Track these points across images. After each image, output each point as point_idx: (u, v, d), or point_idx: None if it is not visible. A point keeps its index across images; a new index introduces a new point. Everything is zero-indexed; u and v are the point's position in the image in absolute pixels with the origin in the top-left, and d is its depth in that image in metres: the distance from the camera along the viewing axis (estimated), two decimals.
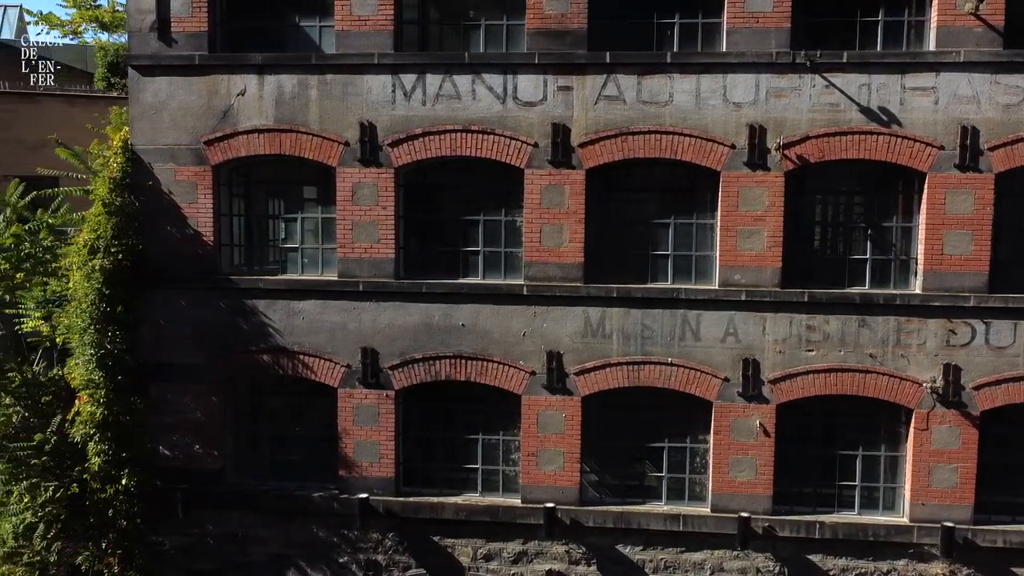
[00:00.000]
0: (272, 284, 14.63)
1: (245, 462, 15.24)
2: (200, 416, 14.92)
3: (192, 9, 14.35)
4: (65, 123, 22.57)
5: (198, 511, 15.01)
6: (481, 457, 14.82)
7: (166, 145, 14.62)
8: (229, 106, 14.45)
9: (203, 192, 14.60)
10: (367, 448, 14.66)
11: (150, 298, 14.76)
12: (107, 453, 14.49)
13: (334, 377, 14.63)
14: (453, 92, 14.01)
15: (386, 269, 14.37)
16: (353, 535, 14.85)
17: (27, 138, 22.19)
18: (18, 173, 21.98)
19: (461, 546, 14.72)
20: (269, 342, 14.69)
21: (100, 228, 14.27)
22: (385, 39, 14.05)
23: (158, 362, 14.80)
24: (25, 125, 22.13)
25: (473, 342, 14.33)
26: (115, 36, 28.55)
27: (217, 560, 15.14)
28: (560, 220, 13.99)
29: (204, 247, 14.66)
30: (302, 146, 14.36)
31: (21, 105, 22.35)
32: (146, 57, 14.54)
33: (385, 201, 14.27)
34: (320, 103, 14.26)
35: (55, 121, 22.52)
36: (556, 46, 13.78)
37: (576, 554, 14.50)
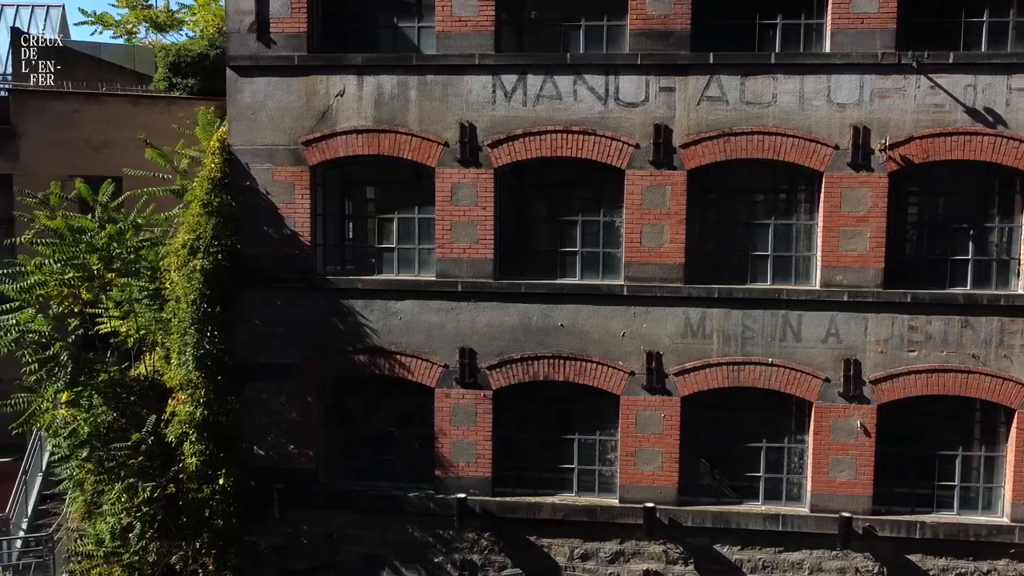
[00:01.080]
0: (370, 284, 14.65)
1: (338, 462, 15.26)
2: (295, 416, 14.95)
3: (291, 10, 14.37)
4: (128, 123, 22.66)
5: (292, 511, 15.03)
6: (577, 457, 14.84)
7: (264, 145, 14.64)
8: (328, 107, 14.47)
9: (300, 192, 14.62)
10: (464, 448, 14.68)
11: (246, 298, 14.79)
12: (204, 453, 14.52)
13: (431, 377, 14.65)
14: (554, 93, 14.03)
15: (485, 269, 14.39)
16: (448, 535, 14.87)
17: (92, 138, 22.23)
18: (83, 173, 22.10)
19: (558, 546, 14.74)
20: (366, 342, 14.72)
21: (200, 228, 14.29)
22: (486, 40, 14.07)
23: (254, 362, 14.83)
24: (90, 124, 22.14)
25: (572, 342, 14.36)
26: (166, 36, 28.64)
27: (310, 560, 15.16)
28: (661, 221, 14.01)
29: (301, 247, 14.69)
30: (401, 147, 14.38)
31: (86, 105, 22.32)
32: (244, 58, 14.57)
33: (484, 201, 14.29)
34: (420, 104, 14.28)
35: (119, 121, 22.57)
36: (659, 47, 13.80)
37: (674, 554, 14.52)
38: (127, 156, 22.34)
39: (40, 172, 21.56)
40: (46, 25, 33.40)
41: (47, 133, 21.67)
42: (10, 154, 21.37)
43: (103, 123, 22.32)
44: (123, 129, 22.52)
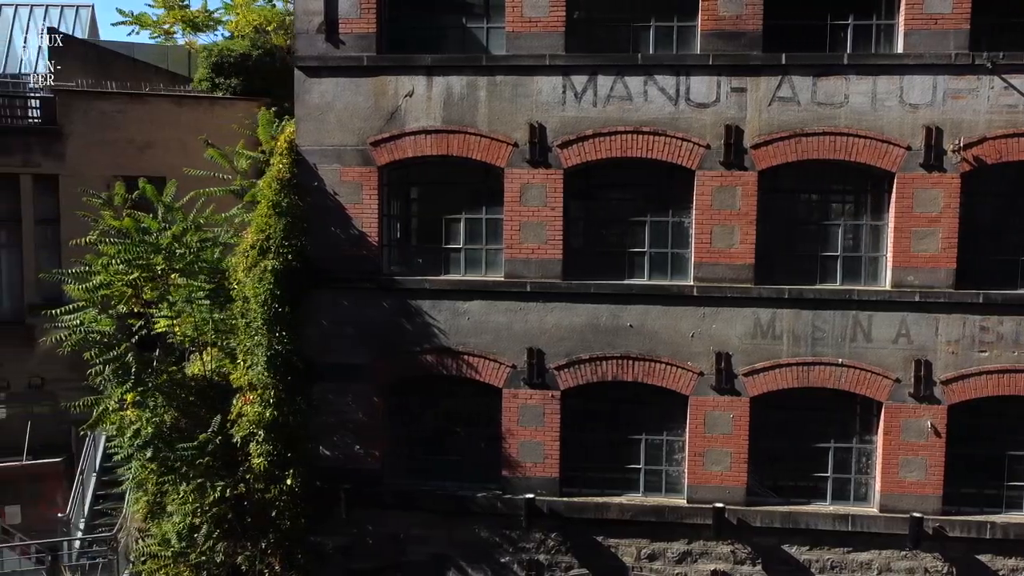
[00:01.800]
0: (438, 284, 14.67)
1: (404, 462, 15.27)
2: (361, 416, 14.96)
3: (361, 10, 14.38)
4: (171, 123, 22.70)
5: (358, 511, 15.04)
6: (644, 457, 14.85)
7: (331, 146, 14.65)
8: (396, 107, 14.48)
9: (368, 193, 14.63)
10: (531, 448, 14.70)
11: (314, 299, 14.80)
12: (271, 453, 14.53)
13: (499, 377, 14.67)
14: (624, 93, 14.05)
15: (553, 270, 14.40)
16: (515, 535, 14.88)
17: (136, 138, 22.24)
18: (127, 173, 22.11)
19: (625, 546, 14.76)
20: (433, 342, 14.73)
21: (269, 229, 14.30)
22: (556, 40, 14.08)
23: (321, 362, 14.83)
24: (134, 124, 22.14)
25: (641, 343, 14.37)
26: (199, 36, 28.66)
27: (376, 560, 15.18)
28: (731, 221, 14.03)
29: (369, 247, 14.70)
30: (470, 147, 14.40)
31: (130, 105, 22.31)
32: (313, 58, 14.57)
33: (553, 202, 14.30)
34: (489, 104, 14.29)
35: (162, 121, 22.59)
36: (730, 47, 13.81)
37: (741, 554, 14.53)
38: (170, 156, 22.44)
39: (85, 172, 21.64)
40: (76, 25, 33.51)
41: (92, 133, 21.68)
42: (57, 154, 21.40)
43: (147, 123, 22.32)
44: (166, 129, 22.57)
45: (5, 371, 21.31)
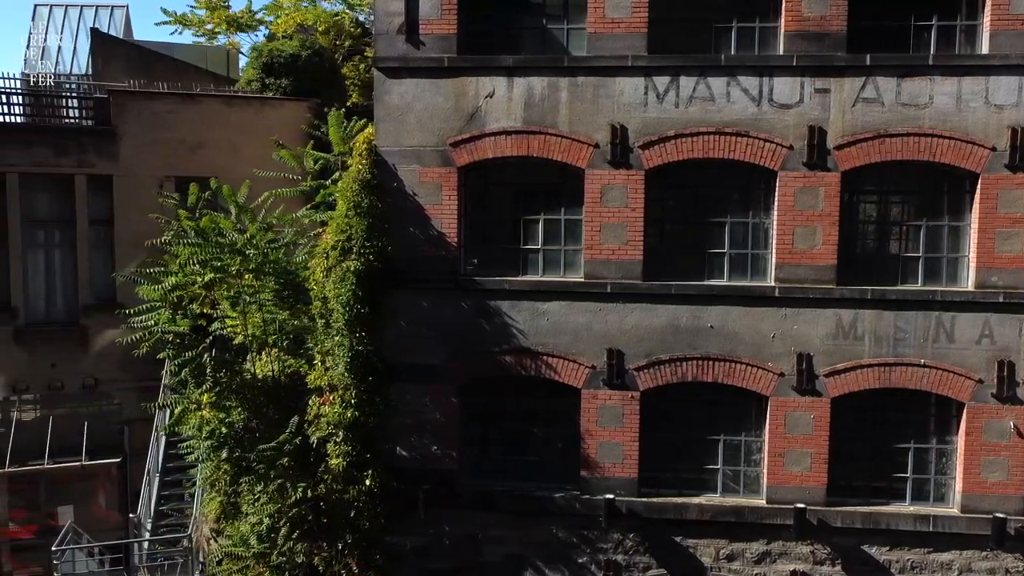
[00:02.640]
0: (517, 285, 14.67)
1: (480, 463, 15.27)
2: (439, 417, 14.97)
3: (442, 11, 14.38)
4: (222, 123, 22.75)
5: (435, 511, 15.05)
6: (721, 457, 14.86)
7: (411, 147, 14.66)
8: (477, 108, 14.49)
9: (447, 193, 14.64)
10: (610, 449, 14.71)
11: (391, 299, 14.79)
12: (350, 454, 14.55)
13: (578, 378, 14.68)
14: (707, 94, 14.06)
15: (634, 271, 14.42)
16: (593, 535, 14.90)
17: (187, 138, 22.26)
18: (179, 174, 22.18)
19: (703, 546, 14.77)
20: (512, 343, 14.74)
21: (351, 230, 14.30)
22: (638, 41, 14.09)
23: (398, 363, 14.84)
24: (185, 125, 22.16)
25: (721, 344, 14.38)
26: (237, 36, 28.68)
27: (453, 560, 15.19)
28: (813, 222, 14.03)
29: (447, 248, 14.71)
30: (550, 148, 14.41)
31: (182, 106, 22.33)
32: (393, 59, 14.57)
33: (634, 203, 14.31)
34: (570, 105, 14.31)
35: (212, 121, 22.64)
36: (814, 48, 13.82)
37: (821, 554, 14.54)
38: (221, 156, 22.53)
39: (138, 172, 21.71)
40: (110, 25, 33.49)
41: (145, 134, 21.70)
42: (111, 155, 21.41)
43: (198, 124, 22.36)
44: (216, 129, 22.61)
45: (59, 372, 21.31)
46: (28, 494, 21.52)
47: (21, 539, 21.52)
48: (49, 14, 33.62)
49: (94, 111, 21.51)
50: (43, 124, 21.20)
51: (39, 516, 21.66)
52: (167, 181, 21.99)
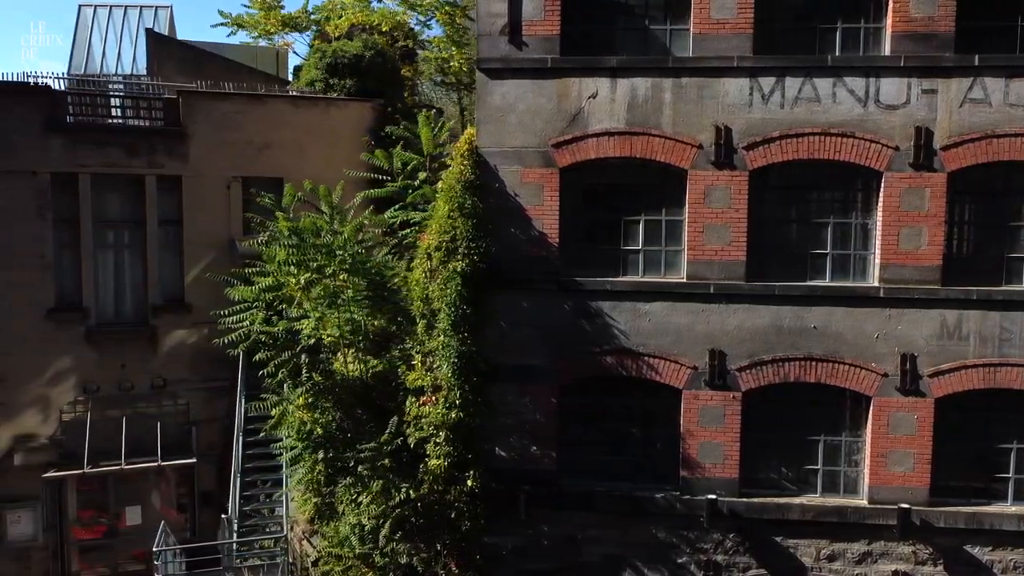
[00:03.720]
0: (619, 286, 14.70)
1: (578, 463, 15.27)
2: (538, 417, 15.00)
3: (544, 12, 14.40)
4: (288, 124, 22.73)
5: (533, 511, 15.09)
6: (822, 458, 14.87)
7: (512, 148, 14.68)
8: (579, 109, 14.51)
9: (549, 194, 14.66)
10: (711, 449, 14.73)
11: (492, 299, 14.80)
12: (452, 455, 14.56)
13: (679, 379, 14.70)
14: (812, 95, 14.08)
15: (736, 271, 14.43)
16: (692, 535, 14.92)
17: (255, 139, 22.25)
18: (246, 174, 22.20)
19: (804, 546, 14.79)
20: (613, 343, 14.76)
21: (455, 231, 14.31)
22: (743, 42, 14.11)
23: (498, 363, 14.85)
24: (253, 125, 22.15)
25: (824, 344, 14.40)
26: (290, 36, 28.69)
27: (551, 560, 15.21)
28: (919, 223, 14.05)
29: (548, 248, 14.72)
30: (653, 149, 14.42)
31: (250, 106, 22.31)
32: (495, 60, 14.59)
33: (738, 203, 14.33)
34: (674, 106, 14.33)
35: (279, 122, 22.60)
36: (921, 49, 13.84)
37: (923, 554, 14.56)
38: (286, 157, 22.53)
39: (207, 173, 21.70)
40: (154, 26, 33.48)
41: (214, 134, 21.69)
42: (180, 155, 21.38)
43: (265, 124, 22.34)
44: (283, 130, 22.60)
45: (128, 372, 21.31)
46: (96, 495, 21.55)
47: (89, 540, 21.55)
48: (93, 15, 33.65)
49: (163, 112, 21.48)
50: (116, 125, 21.15)
51: (107, 517, 21.69)
52: (234, 182, 22.03)
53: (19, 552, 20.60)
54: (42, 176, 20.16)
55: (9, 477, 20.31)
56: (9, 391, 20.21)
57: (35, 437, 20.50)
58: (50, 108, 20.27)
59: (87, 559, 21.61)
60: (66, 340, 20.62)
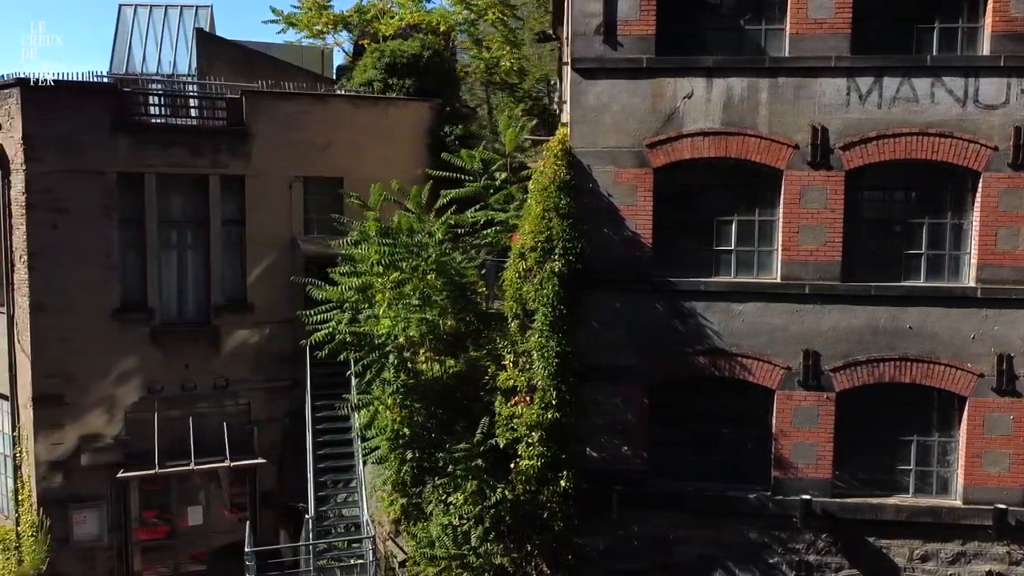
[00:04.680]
0: (714, 286, 14.69)
1: (668, 463, 15.25)
2: (629, 417, 14.99)
3: (640, 12, 14.39)
4: (347, 123, 22.73)
5: (624, 511, 15.08)
6: (914, 458, 14.87)
7: (606, 148, 14.67)
8: (674, 109, 14.49)
9: (643, 194, 14.65)
10: (804, 450, 14.72)
11: (585, 300, 14.79)
12: (545, 455, 14.55)
13: (773, 379, 14.69)
14: (911, 95, 14.07)
15: (832, 272, 14.42)
16: (784, 535, 14.91)
17: (316, 139, 22.25)
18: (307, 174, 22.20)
19: (897, 547, 14.78)
20: (706, 344, 14.75)
21: (550, 231, 14.29)
22: (841, 42, 14.10)
23: (591, 364, 14.83)
24: (315, 125, 22.14)
25: (919, 344, 14.39)
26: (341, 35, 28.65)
27: (641, 561, 15.20)
28: (1017, 223, 14.05)
29: (641, 249, 14.71)
30: (749, 149, 14.42)
31: (313, 106, 22.31)
32: (590, 60, 14.57)
33: (834, 204, 14.32)
34: (770, 106, 14.32)
35: (339, 121, 22.61)
36: (1021, 49, 13.82)
37: (1017, 555, 14.56)
38: (347, 157, 22.54)
39: (269, 173, 21.70)
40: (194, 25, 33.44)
41: (276, 134, 21.67)
42: (243, 155, 21.37)
43: (326, 124, 22.34)
44: (343, 129, 22.60)
45: (192, 372, 21.30)
46: (157, 495, 21.54)
47: (151, 540, 21.54)
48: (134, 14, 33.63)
49: (227, 112, 21.46)
50: (181, 125, 21.13)
51: (170, 517, 21.68)
52: (296, 181, 22.04)
53: (84, 552, 20.59)
54: (109, 176, 20.14)
55: (76, 477, 20.30)
56: (76, 391, 20.20)
57: (101, 437, 20.49)
58: (117, 108, 20.24)
59: (148, 559, 21.60)
60: (131, 340, 20.60)
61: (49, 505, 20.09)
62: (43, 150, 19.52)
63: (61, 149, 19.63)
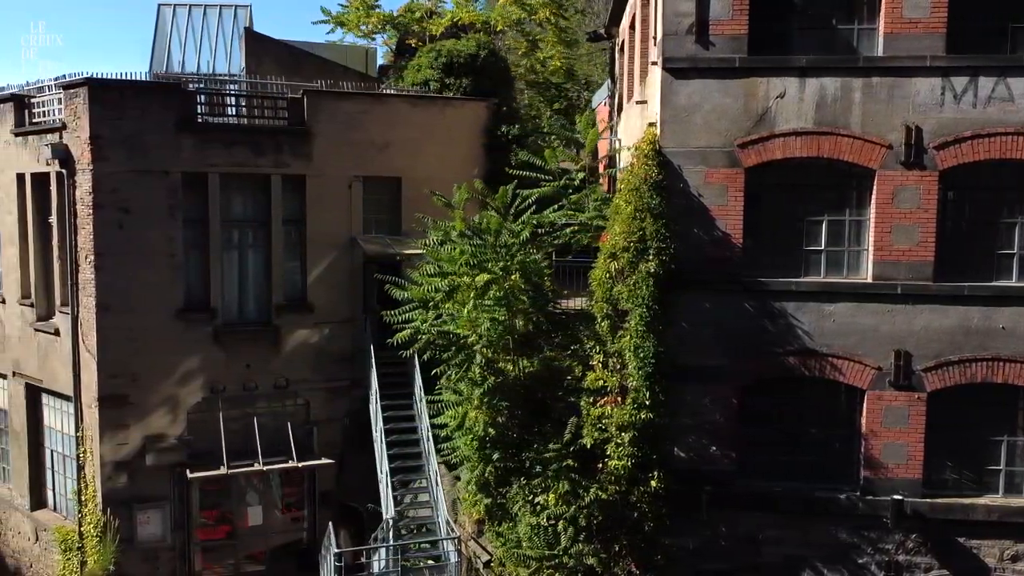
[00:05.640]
0: (805, 286, 14.66)
1: (756, 463, 15.23)
2: (718, 417, 14.97)
3: (732, 11, 14.35)
4: (405, 123, 22.76)
5: (711, 512, 15.06)
6: (1004, 458, 14.85)
7: (696, 147, 14.64)
8: (766, 109, 14.47)
9: (734, 194, 14.63)
10: (895, 450, 14.70)
11: (674, 300, 14.76)
12: (636, 456, 14.54)
13: (863, 379, 14.67)
14: (1006, 95, 14.04)
15: (924, 272, 14.40)
16: (874, 535, 14.90)
17: (376, 138, 22.25)
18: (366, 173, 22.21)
19: (987, 547, 14.75)
20: (796, 344, 14.73)
21: (642, 231, 14.26)
22: (936, 41, 14.07)
23: (680, 364, 14.80)
24: (374, 125, 22.15)
25: (1013, 344, 14.37)
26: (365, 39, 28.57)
27: (729, 561, 15.18)
28: None
29: (732, 249, 14.69)
30: (841, 149, 14.39)
31: (372, 106, 22.32)
32: (681, 60, 14.54)
33: (927, 204, 14.30)
34: (863, 106, 14.29)
35: (397, 121, 22.63)
36: None
37: None
38: (405, 156, 22.55)
39: (329, 172, 21.72)
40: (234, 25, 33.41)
41: (337, 134, 21.68)
42: (304, 155, 21.38)
43: (385, 124, 22.35)
44: (401, 129, 22.62)
45: (252, 372, 21.29)
46: (216, 495, 21.53)
47: (212, 540, 21.54)
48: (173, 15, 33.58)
49: (287, 111, 21.45)
50: (244, 124, 21.10)
51: (231, 517, 21.67)
52: (355, 181, 22.05)
53: (147, 552, 20.59)
54: (174, 176, 20.13)
55: (140, 477, 20.31)
56: (140, 391, 20.19)
57: (164, 437, 20.49)
58: (181, 108, 20.22)
59: (209, 559, 21.60)
60: (194, 340, 20.60)
61: (114, 505, 20.09)
62: (110, 150, 19.51)
63: (127, 149, 19.62)
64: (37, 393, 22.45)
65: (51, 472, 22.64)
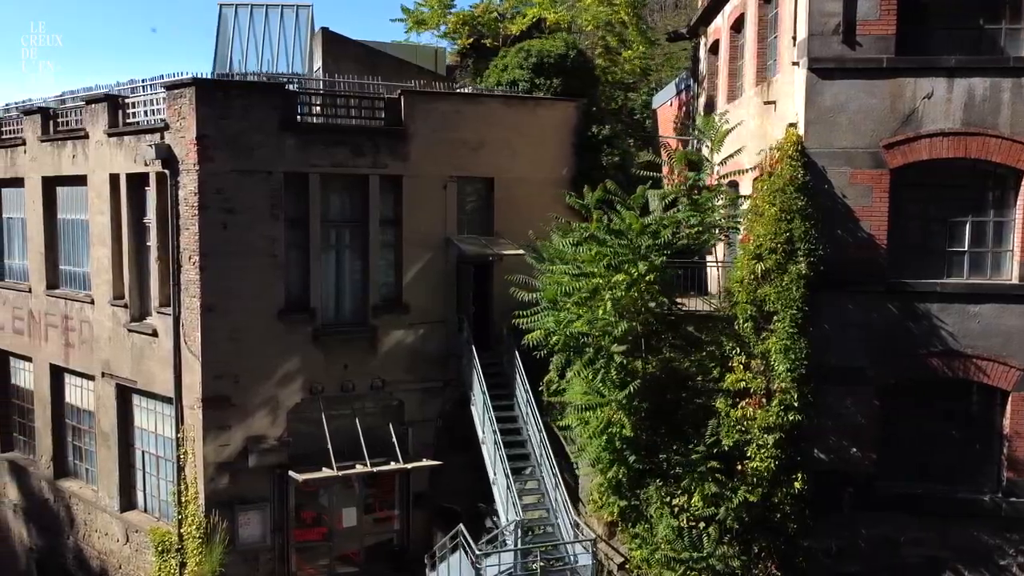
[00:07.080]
0: (950, 288, 14.64)
1: (895, 465, 15.21)
2: (860, 419, 14.94)
3: (880, 12, 14.32)
4: (498, 123, 22.63)
5: (851, 513, 15.02)
6: None
7: (841, 148, 14.61)
8: (913, 109, 14.42)
9: (879, 195, 14.60)
10: None
11: (817, 301, 14.71)
12: (780, 457, 14.49)
13: (1008, 380, 14.65)
14: None
15: None
16: (1016, 537, 14.87)
17: (470, 138, 22.15)
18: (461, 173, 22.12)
19: None
20: (940, 345, 14.71)
21: (792, 232, 14.20)
22: None
23: (823, 365, 14.76)
24: (468, 125, 22.04)
25: None
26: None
27: (867, 563, 15.16)
28: None
29: (876, 250, 14.66)
30: (989, 150, 14.36)
31: (466, 106, 22.23)
32: (828, 60, 14.51)
33: None
34: (1012, 106, 14.27)
35: (491, 121, 22.50)
36: None
37: None
38: (498, 156, 22.44)
39: (425, 173, 21.59)
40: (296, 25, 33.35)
41: (433, 134, 21.56)
42: (401, 155, 21.25)
43: (479, 124, 22.22)
44: (494, 129, 22.49)
45: (350, 373, 21.21)
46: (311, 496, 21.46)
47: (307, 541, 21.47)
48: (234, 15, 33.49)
49: (385, 112, 21.36)
50: (344, 125, 21.01)
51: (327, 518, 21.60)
52: (451, 181, 21.95)
53: (248, 554, 20.52)
54: (276, 176, 19.99)
55: (242, 478, 20.21)
56: (242, 392, 20.06)
57: (265, 438, 20.36)
58: (284, 108, 20.13)
59: (304, 559, 21.54)
60: (294, 341, 20.47)
61: (216, 507, 20.01)
62: (215, 150, 19.37)
63: (232, 149, 19.50)
64: (128, 394, 22.35)
65: (142, 473, 22.54)
